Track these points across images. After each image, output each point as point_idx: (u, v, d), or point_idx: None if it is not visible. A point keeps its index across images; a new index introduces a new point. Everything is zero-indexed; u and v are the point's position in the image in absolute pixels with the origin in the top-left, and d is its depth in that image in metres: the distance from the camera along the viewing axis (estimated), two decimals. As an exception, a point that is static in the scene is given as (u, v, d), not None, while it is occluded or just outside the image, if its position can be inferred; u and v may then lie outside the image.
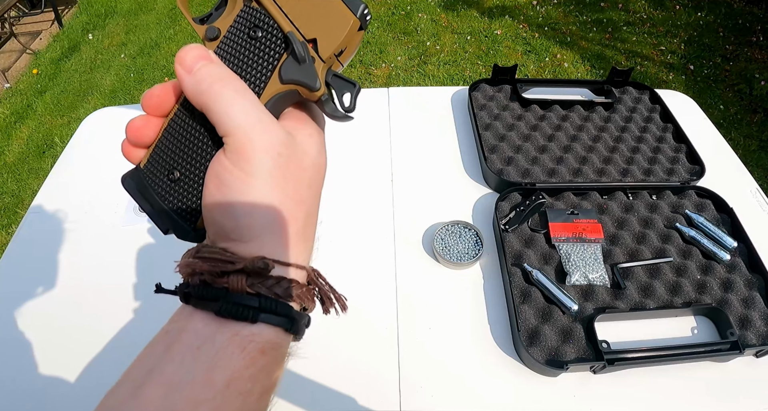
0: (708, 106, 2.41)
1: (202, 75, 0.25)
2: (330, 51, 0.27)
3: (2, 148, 2.54)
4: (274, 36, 0.27)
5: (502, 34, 2.90)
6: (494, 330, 0.70)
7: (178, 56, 0.25)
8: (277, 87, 0.27)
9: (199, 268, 0.24)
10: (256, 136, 0.24)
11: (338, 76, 0.27)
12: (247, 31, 0.28)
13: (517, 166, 0.90)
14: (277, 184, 0.24)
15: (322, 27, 0.27)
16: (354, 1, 0.27)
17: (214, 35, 0.29)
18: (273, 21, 0.27)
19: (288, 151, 0.25)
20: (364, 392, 0.64)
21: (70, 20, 3.48)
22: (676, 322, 0.71)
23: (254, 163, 0.24)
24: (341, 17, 0.27)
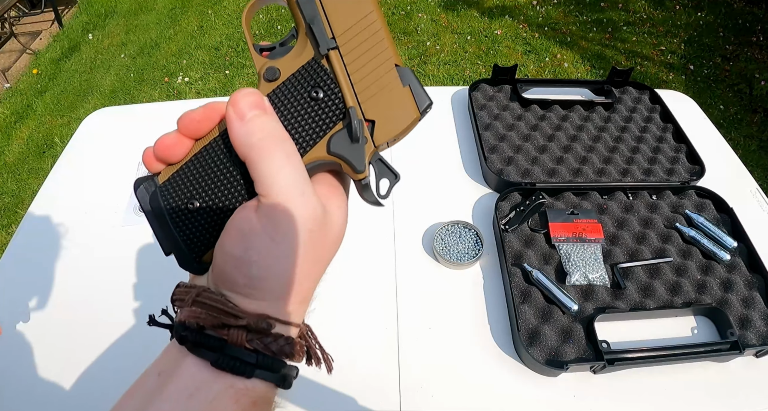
0: (708, 106, 2.41)
1: (255, 127, 0.24)
2: (385, 139, 0.27)
3: (2, 148, 2.54)
4: (334, 103, 0.27)
5: (502, 34, 2.90)
6: (494, 330, 0.70)
7: (232, 98, 0.25)
8: (322, 155, 0.27)
9: (201, 320, 0.24)
10: (294, 209, 0.24)
11: (383, 162, 0.27)
12: (308, 87, 0.27)
13: (517, 166, 0.90)
14: (299, 256, 0.24)
15: (385, 113, 0.27)
16: (422, 96, 0.26)
17: (274, 77, 0.27)
18: (338, 88, 0.27)
19: (319, 228, 0.25)
20: (364, 392, 0.64)
21: (70, 20, 3.48)
22: (676, 322, 0.71)
23: (285, 233, 0.24)
24: (406, 110, 0.26)
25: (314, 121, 0.27)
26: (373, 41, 0.27)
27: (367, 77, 0.27)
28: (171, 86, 2.75)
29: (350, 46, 0.27)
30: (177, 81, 2.76)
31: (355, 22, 0.27)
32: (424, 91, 0.27)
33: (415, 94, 0.26)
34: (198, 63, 2.89)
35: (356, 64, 0.27)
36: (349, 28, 0.27)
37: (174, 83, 2.76)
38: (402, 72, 0.27)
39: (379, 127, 0.27)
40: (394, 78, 0.27)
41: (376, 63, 0.27)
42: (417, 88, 0.27)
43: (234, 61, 2.87)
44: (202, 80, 2.77)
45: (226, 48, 2.98)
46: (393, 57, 0.27)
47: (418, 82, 0.27)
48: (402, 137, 0.27)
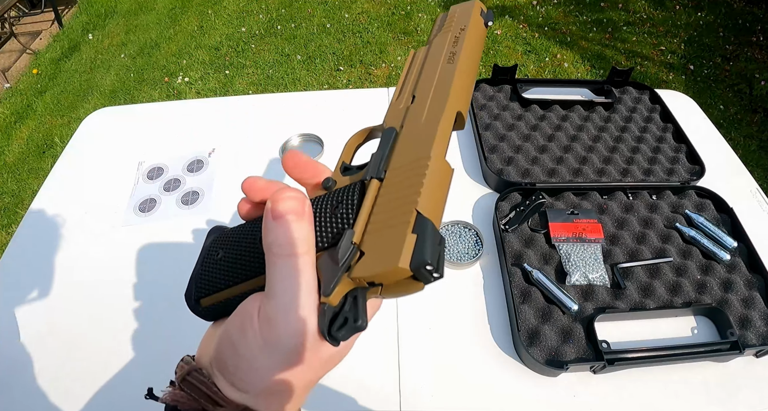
0: (708, 106, 2.41)
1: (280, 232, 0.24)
2: (359, 274, 0.23)
3: (2, 148, 2.54)
4: (344, 222, 0.26)
5: (502, 34, 2.90)
6: (494, 330, 0.70)
7: (275, 195, 0.25)
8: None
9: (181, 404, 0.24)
10: (292, 321, 0.24)
11: (356, 303, 0.24)
12: (336, 203, 0.27)
13: (517, 166, 0.90)
14: (289, 366, 0.24)
15: (375, 249, 0.23)
16: (424, 251, 0.22)
17: (326, 186, 0.29)
18: (352, 210, 0.26)
19: (315, 346, 0.24)
20: (364, 392, 0.64)
21: (70, 20, 3.48)
22: (676, 322, 0.71)
23: (277, 340, 0.24)
24: (392, 255, 0.22)
25: (325, 231, 0.26)
26: (411, 183, 0.25)
27: (384, 212, 0.25)
28: (171, 86, 2.75)
29: (391, 182, 0.26)
30: (177, 81, 2.76)
31: (408, 162, 0.26)
32: (433, 250, 0.22)
33: (417, 246, 0.22)
34: (198, 63, 2.90)
35: (385, 198, 0.26)
36: (400, 165, 0.27)
37: (174, 83, 2.76)
38: (421, 221, 0.23)
39: (362, 261, 0.24)
40: (406, 222, 0.23)
41: (400, 202, 0.24)
42: (425, 242, 0.22)
43: (234, 61, 2.87)
44: (202, 80, 2.77)
45: (226, 48, 2.98)
46: (419, 203, 0.23)
47: (432, 240, 0.22)
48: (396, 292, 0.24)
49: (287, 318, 0.23)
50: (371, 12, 3.18)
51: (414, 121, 0.29)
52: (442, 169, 0.26)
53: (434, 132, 0.27)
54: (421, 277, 0.22)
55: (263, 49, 2.94)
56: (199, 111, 1.10)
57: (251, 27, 3.14)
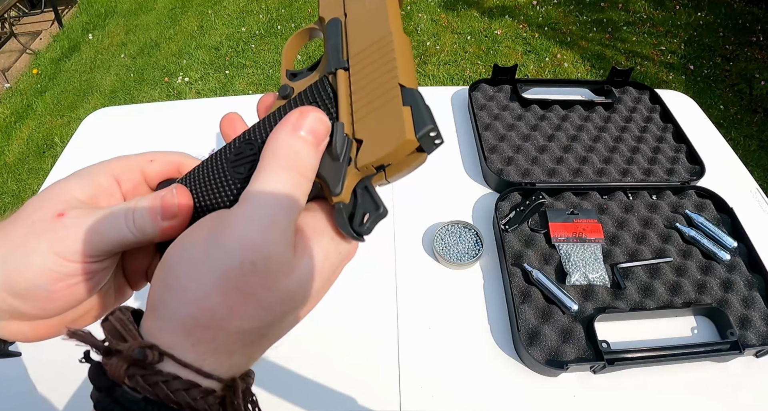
0: (708, 106, 2.41)
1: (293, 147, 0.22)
2: (366, 161, 0.22)
3: (2, 148, 2.54)
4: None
5: (502, 34, 2.90)
6: (494, 330, 0.70)
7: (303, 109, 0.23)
8: None
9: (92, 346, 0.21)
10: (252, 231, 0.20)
11: (369, 192, 0.23)
12: (308, 102, 0.26)
13: (517, 166, 0.90)
14: (223, 285, 0.20)
15: (374, 132, 0.23)
16: (423, 118, 0.22)
17: (285, 94, 0.27)
18: (333, 105, 0.25)
19: (262, 267, 0.20)
20: (364, 392, 0.64)
21: (70, 20, 3.48)
22: (676, 322, 0.71)
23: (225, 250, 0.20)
24: (396, 130, 0.22)
25: None
26: (383, 62, 0.24)
27: (366, 96, 0.24)
28: (171, 86, 2.75)
29: (359, 67, 0.25)
30: (177, 81, 2.76)
31: (370, 44, 0.26)
32: (429, 115, 0.22)
33: (415, 116, 0.22)
34: (198, 63, 2.90)
35: (360, 83, 0.25)
36: (363, 49, 0.26)
37: (174, 83, 2.76)
38: (407, 92, 0.23)
39: (364, 148, 0.23)
40: (394, 97, 0.23)
41: (379, 82, 0.24)
42: (420, 110, 0.22)
43: (234, 61, 2.87)
44: (202, 80, 2.77)
45: (226, 48, 2.98)
46: (399, 77, 0.23)
47: (425, 106, 0.22)
48: (403, 169, 0.23)
49: (248, 225, 0.20)
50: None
51: (356, 6, 0.28)
52: (404, 41, 0.26)
53: (384, 8, 0.27)
54: (426, 145, 0.22)
55: (263, 49, 2.94)
56: (199, 111, 1.10)
57: (251, 27, 3.14)
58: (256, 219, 0.21)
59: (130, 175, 0.28)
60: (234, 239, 0.20)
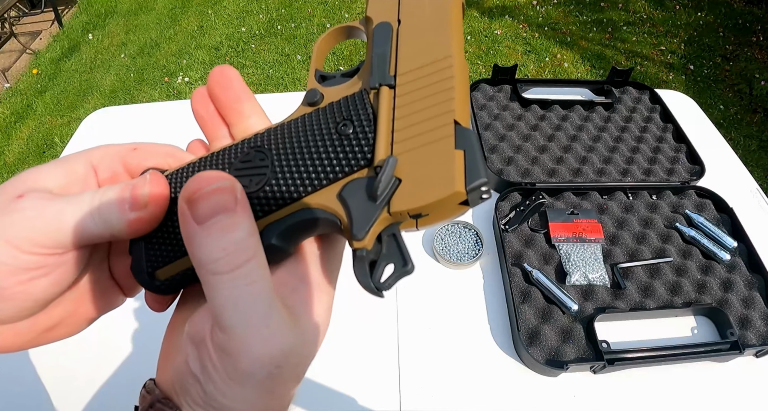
0: (708, 106, 2.41)
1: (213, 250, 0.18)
2: (404, 207, 0.19)
3: (2, 148, 2.54)
4: (360, 144, 0.21)
5: (502, 34, 2.90)
6: (494, 330, 0.70)
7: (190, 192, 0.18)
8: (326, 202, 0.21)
9: None
10: (256, 345, 0.19)
11: (397, 242, 0.20)
12: (341, 119, 0.22)
13: (517, 166, 0.90)
14: (263, 394, 0.20)
15: (418, 174, 0.19)
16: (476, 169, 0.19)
17: (313, 101, 0.24)
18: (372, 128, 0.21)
19: (288, 362, 0.20)
20: (364, 392, 0.64)
21: (70, 20, 3.48)
22: (676, 322, 0.71)
23: (245, 372, 0.19)
24: (445, 178, 0.18)
25: (333, 161, 0.21)
26: (438, 88, 0.21)
27: (412, 126, 0.20)
28: (171, 86, 2.76)
29: (408, 88, 0.22)
30: (177, 81, 2.76)
31: (425, 64, 0.22)
32: (484, 166, 0.19)
33: (468, 164, 0.19)
34: (198, 63, 2.90)
35: (407, 109, 0.21)
36: (416, 68, 0.22)
37: (174, 83, 2.76)
38: (462, 132, 0.20)
39: (402, 190, 0.19)
40: (447, 136, 0.19)
41: (430, 113, 0.20)
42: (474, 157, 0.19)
43: (234, 61, 2.87)
44: (202, 80, 2.77)
45: (226, 48, 2.98)
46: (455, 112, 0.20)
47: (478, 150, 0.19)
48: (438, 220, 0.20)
49: (250, 352, 0.19)
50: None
51: (414, 13, 0.24)
52: (463, 68, 0.22)
53: (447, 22, 0.23)
54: (472, 199, 0.19)
55: (263, 49, 2.94)
56: (199, 111, 1.10)
57: (251, 27, 3.14)
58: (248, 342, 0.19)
59: (109, 163, 0.25)
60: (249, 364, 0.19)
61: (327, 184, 0.21)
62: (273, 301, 0.19)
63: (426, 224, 0.20)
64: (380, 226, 0.20)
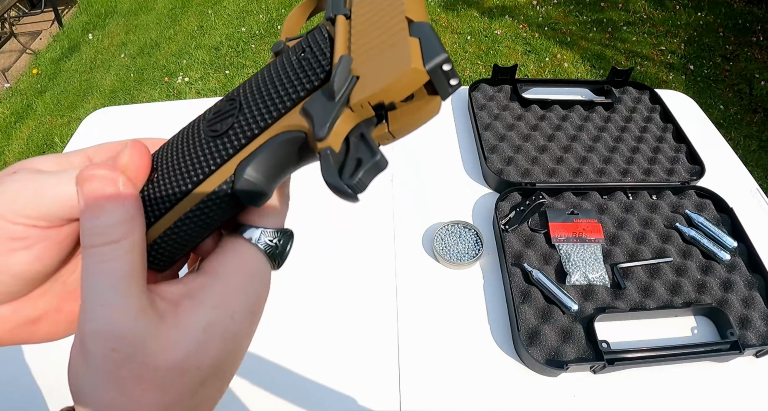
0: (708, 106, 2.41)
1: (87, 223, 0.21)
2: (362, 95, 0.18)
3: (2, 148, 2.54)
4: (318, 61, 0.21)
5: (502, 34, 2.90)
6: (494, 330, 0.70)
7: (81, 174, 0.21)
8: (292, 120, 0.21)
9: None
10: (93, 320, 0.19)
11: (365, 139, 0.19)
12: (299, 51, 0.23)
13: (517, 166, 0.90)
14: (109, 380, 0.19)
15: (374, 66, 0.19)
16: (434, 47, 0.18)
17: (277, 50, 0.25)
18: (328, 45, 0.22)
19: (127, 350, 0.19)
20: (364, 392, 0.64)
21: (70, 20, 3.48)
22: (676, 322, 0.71)
23: (86, 348, 0.19)
24: (399, 59, 0.18)
25: (294, 81, 0.22)
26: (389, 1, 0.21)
27: (368, 36, 0.20)
28: (171, 86, 2.75)
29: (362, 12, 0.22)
30: (177, 81, 2.76)
31: None
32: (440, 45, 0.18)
33: (424, 46, 0.18)
34: (198, 63, 2.90)
35: (361, 24, 0.21)
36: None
37: (174, 83, 2.76)
38: (415, 26, 0.19)
39: (360, 83, 0.19)
40: (400, 30, 0.19)
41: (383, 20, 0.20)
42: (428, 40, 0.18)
43: (234, 61, 2.87)
44: (202, 80, 2.77)
45: (226, 48, 2.98)
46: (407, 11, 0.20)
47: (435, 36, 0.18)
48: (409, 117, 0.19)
49: (86, 326, 0.19)
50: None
51: None
52: None
53: None
54: (438, 83, 0.18)
55: (263, 49, 2.94)
56: (199, 111, 1.10)
57: (251, 27, 3.14)
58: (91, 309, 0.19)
59: (105, 155, 0.26)
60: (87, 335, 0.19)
61: (291, 106, 0.21)
62: (129, 285, 0.20)
63: (400, 126, 0.19)
64: (345, 126, 0.19)
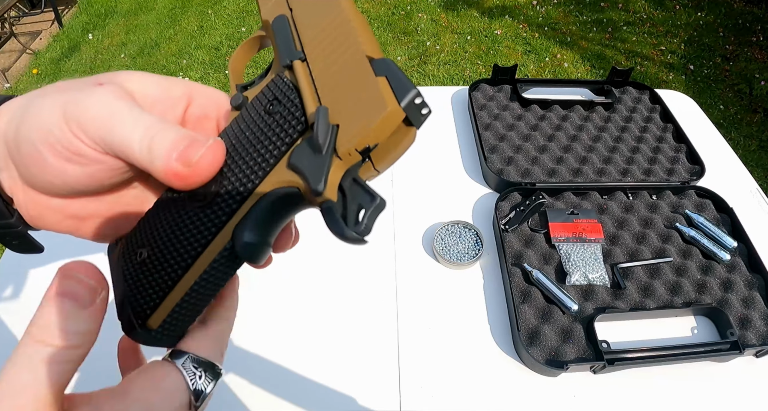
0: (708, 106, 2.41)
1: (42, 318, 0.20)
2: (349, 144, 0.19)
3: (2, 148, 2.54)
4: (291, 113, 0.22)
5: (502, 34, 2.90)
6: (494, 330, 0.70)
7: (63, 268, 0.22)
8: (279, 176, 0.21)
9: None
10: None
11: (359, 184, 0.20)
12: (266, 103, 0.23)
13: (517, 166, 0.90)
14: None
15: (351, 112, 0.20)
16: (403, 84, 0.19)
17: (238, 104, 0.24)
18: (296, 96, 0.22)
19: None
20: (364, 392, 0.64)
21: (70, 20, 3.48)
22: (676, 322, 0.71)
23: None
24: (375, 102, 0.19)
25: (271, 138, 0.22)
26: (342, 39, 0.22)
27: (332, 79, 0.21)
28: (171, 86, 2.75)
29: (317, 53, 0.23)
30: (177, 81, 2.76)
31: (323, 27, 0.23)
32: (409, 82, 0.19)
33: (393, 84, 0.19)
34: (198, 63, 2.90)
35: (322, 68, 0.22)
36: (316, 34, 0.23)
37: (174, 83, 2.76)
38: (378, 63, 0.20)
39: (342, 131, 0.20)
40: (365, 71, 0.20)
41: (343, 62, 0.21)
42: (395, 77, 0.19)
43: (234, 61, 2.87)
44: (202, 80, 2.77)
45: (226, 48, 2.98)
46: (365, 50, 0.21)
47: (400, 72, 0.20)
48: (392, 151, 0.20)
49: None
50: (371, 12, 3.18)
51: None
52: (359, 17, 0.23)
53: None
54: (413, 116, 0.19)
55: (263, 49, 2.94)
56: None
57: (251, 27, 3.14)
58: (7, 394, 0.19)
59: (206, 103, 0.25)
60: None
61: (275, 162, 0.22)
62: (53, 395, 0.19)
63: (383, 161, 0.20)
64: (337, 175, 0.20)
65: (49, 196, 0.23)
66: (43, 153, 0.21)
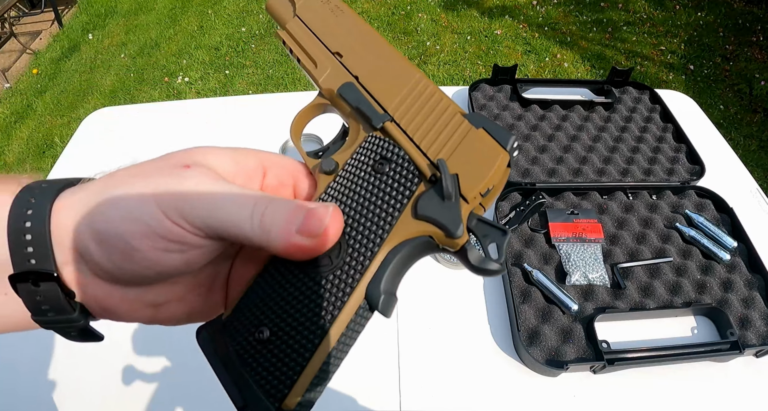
0: (708, 106, 2.41)
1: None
2: (477, 189, 0.22)
3: (2, 148, 2.54)
4: (404, 168, 0.24)
5: (502, 34, 2.90)
6: (494, 330, 0.70)
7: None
8: (409, 226, 0.23)
9: None
10: None
11: (484, 222, 0.23)
12: (371, 162, 0.25)
13: (517, 166, 0.90)
14: None
15: (466, 162, 0.23)
16: (501, 133, 0.23)
17: (331, 168, 0.25)
18: (403, 151, 0.24)
19: None
20: (364, 392, 0.64)
21: (70, 20, 3.48)
22: (676, 322, 0.71)
23: None
24: (489, 151, 0.23)
25: (389, 193, 0.24)
26: (431, 102, 0.25)
27: (432, 133, 0.24)
28: (171, 86, 2.75)
29: (405, 113, 0.25)
30: (177, 81, 2.76)
31: (406, 92, 0.26)
32: (502, 128, 0.24)
33: (494, 133, 0.23)
34: (198, 63, 2.89)
35: (416, 125, 0.25)
36: (401, 99, 0.26)
37: (174, 83, 2.76)
38: (471, 117, 0.24)
39: (465, 180, 0.23)
40: (464, 125, 0.24)
41: (438, 117, 0.25)
42: (492, 127, 0.24)
43: (234, 61, 2.87)
44: (202, 80, 2.77)
45: (226, 48, 2.98)
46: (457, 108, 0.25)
47: (492, 122, 0.24)
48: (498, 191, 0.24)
49: None
50: (371, 12, 3.18)
51: (365, 65, 0.28)
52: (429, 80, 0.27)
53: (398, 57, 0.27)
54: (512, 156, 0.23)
55: (263, 49, 2.94)
56: (199, 111, 1.10)
57: (251, 27, 3.14)
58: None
59: (281, 173, 0.25)
60: None
61: (398, 215, 0.23)
62: None
63: (490, 200, 0.24)
64: (464, 218, 0.22)
65: (128, 286, 0.22)
66: (135, 247, 0.20)
